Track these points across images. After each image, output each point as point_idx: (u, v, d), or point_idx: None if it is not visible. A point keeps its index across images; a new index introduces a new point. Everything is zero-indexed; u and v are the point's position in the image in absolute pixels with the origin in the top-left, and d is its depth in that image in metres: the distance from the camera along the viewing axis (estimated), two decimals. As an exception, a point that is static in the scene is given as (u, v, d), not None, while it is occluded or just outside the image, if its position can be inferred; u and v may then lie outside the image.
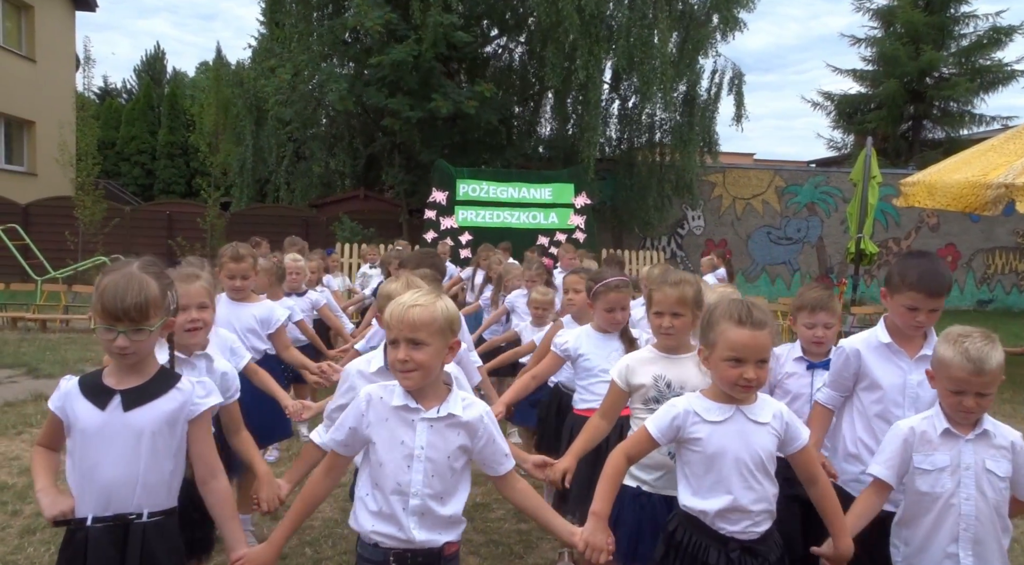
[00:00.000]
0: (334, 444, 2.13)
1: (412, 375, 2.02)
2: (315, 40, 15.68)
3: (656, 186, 16.78)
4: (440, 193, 13.65)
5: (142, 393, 2.07)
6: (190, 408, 2.12)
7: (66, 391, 2.09)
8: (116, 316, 1.98)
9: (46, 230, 15.68)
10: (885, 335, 2.72)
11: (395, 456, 2.03)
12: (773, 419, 2.22)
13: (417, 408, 2.05)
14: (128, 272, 2.05)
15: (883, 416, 2.68)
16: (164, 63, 39.79)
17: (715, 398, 2.24)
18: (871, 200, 12.48)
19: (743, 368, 2.13)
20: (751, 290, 17.82)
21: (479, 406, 2.13)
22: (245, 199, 19.50)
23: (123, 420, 2.03)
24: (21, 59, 19.82)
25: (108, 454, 2.01)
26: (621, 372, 2.74)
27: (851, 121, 23.98)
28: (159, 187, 31.07)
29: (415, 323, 2.01)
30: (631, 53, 14.94)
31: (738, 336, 2.14)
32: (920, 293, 2.57)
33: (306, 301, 5.86)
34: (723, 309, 2.20)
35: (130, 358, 2.04)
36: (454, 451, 2.06)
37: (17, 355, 8.90)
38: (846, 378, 2.78)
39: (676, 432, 2.23)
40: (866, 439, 2.71)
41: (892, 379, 2.67)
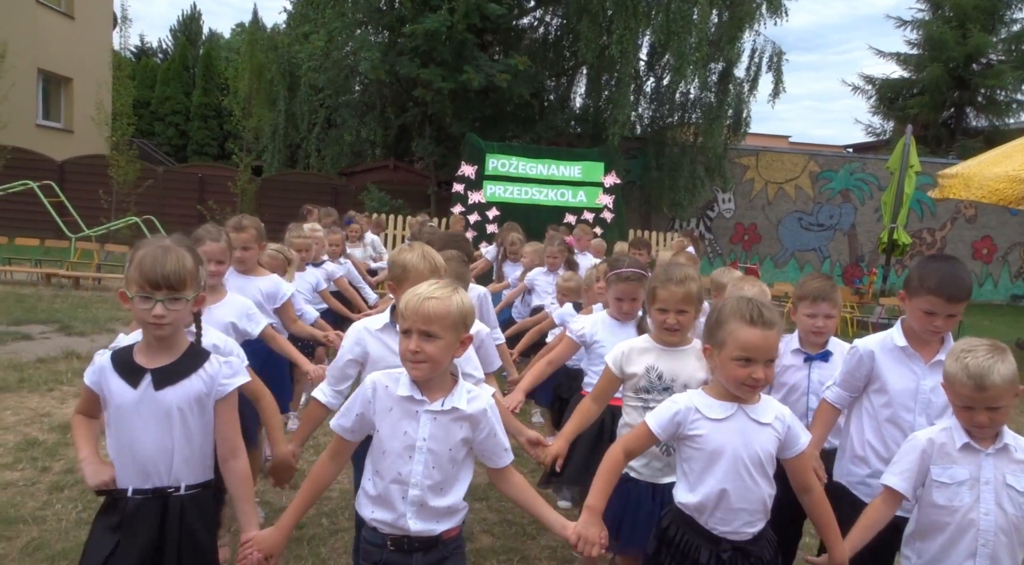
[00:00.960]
0: (340, 430, 2.15)
1: (421, 366, 2.02)
2: (349, 7, 15.62)
3: (688, 167, 16.58)
4: (469, 167, 13.61)
5: (172, 372, 2.13)
6: (218, 388, 2.18)
7: (100, 366, 2.15)
8: (155, 283, 2.04)
9: (81, 188, 15.94)
10: (901, 338, 2.67)
11: (397, 446, 2.05)
12: (775, 420, 2.21)
13: (422, 400, 2.06)
14: (164, 244, 2.12)
15: (893, 420, 2.64)
16: (200, 24, 39.91)
17: (717, 396, 2.22)
18: (907, 190, 12.25)
19: (752, 368, 2.12)
20: (779, 276, 17.64)
21: (483, 398, 2.14)
22: (276, 164, 19.63)
23: (154, 398, 2.10)
24: (60, 16, 19.99)
25: (143, 430, 2.09)
26: (616, 358, 2.76)
27: (892, 107, 23.43)
28: (192, 148, 31.37)
29: (429, 315, 2.01)
30: (669, 28, 14.67)
31: (749, 336, 2.12)
32: (938, 297, 2.51)
33: (321, 271, 5.88)
34: (732, 308, 2.17)
35: (165, 329, 2.09)
36: (456, 444, 2.08)
37: (50, 311, 9.11)
38: (858, 379, 2.74)
39: (676, 428, 2.22)
40: (874, 442, 2.68)
41: (905, 383, 2.63)
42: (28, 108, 18.58)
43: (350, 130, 18.90)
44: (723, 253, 18.48)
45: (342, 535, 3.80)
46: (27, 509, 3.78)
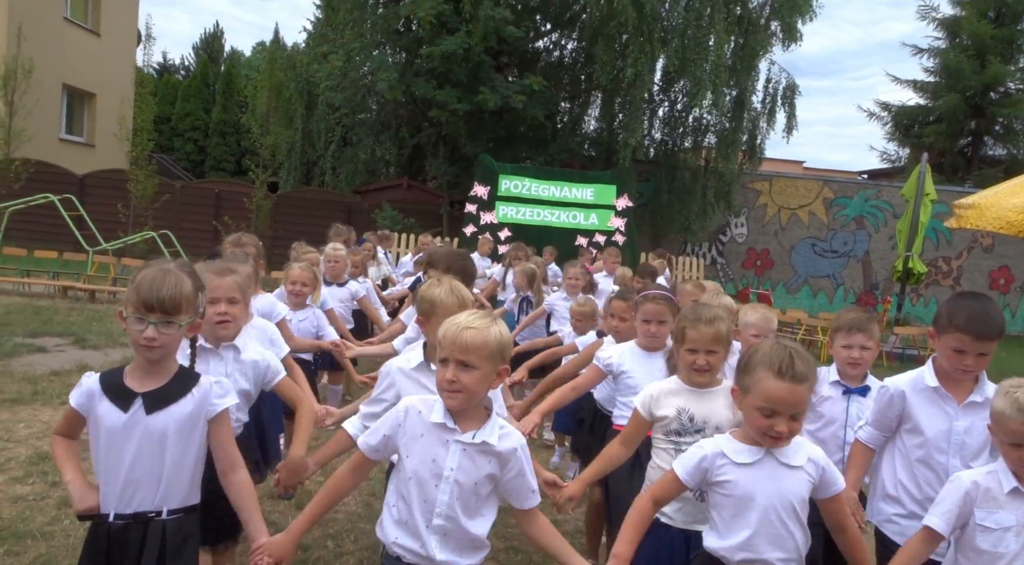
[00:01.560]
0: (365, 447, 2.14)
1: (457, 396, 2.02)
2: (368, 28, 15.85)
3: (699, 191, 16.59)
4: (482, 187, 13.68)
5: (163, 396, 2.14)
6: (208, 408, 2.20)
7: (88, 389, 2.15)
8: (150, 306, 2.06)
9: (100, 201, 16.16)
10: (932, 378, 2.63)
11: (425, 473, 2.04)
12: (808, 463, 2.16)
13: (454, 429, 2.05)
14: (165, 268, 2.15)
15: (925, 462, 2.61)
16: (222, 42, 40.49)
17: (745, 440, 2.19)
18: (922, 218, 12.20)
19: (775, 420, 2.08)
20: (792, 303, 17.55)
21: (515, 437, 2.12)
22: (292, 181, 19.84)
23: (145, 423, 2.10)
24: (86, 32, 20.38)
25: (132, 454, 2.10)
26: (645, 401, 2.72)
27: (907, 134, 23.36)
28: (210, 163, 31.71)
29: (467, 346, 2.00)
30: (684, 54, 14.76)
31: (776, 389, 2.06)
32: (968, 335, 2.48)
33: (346, 291, 5.94)
34: (765, 355, 2.12)
35: (155, 352, 2.10)
36: (482, 478, 2.06)
37: (66, 324, 9.20)
38: (889, 419, 2.71)
39: (704, 474, 2.19)
40: (906, 482, 2.65)
41: (937, 424, 2.59)
42: (52, 122, 18.91)
43: (365, 149, 19.09)
44: (735, 278, 18.43)
45: (347, 558, 3.80)
46: (36, 524, 3.80)
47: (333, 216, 15.70)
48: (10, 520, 3.82)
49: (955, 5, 22.60)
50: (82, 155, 19.79)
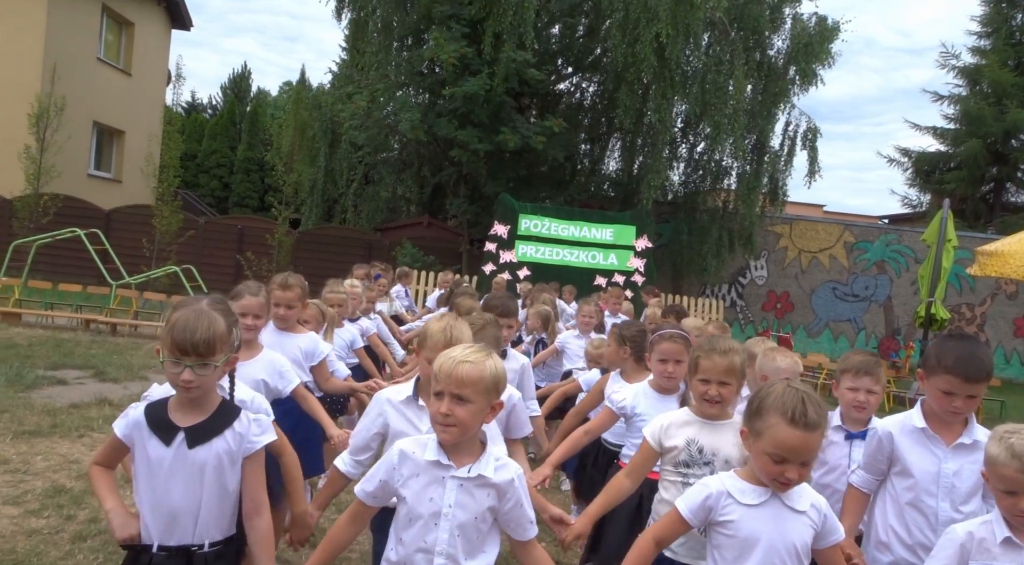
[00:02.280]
0: (363, 495, 2.13)
1: (451, 430, 2.00)
2: (393, 69, 16.17)
3: (716, 233, 16.58)
4: (502, 226, 13.77)
5: (204, 430, 2.16)
6: (247, 446, 2.22)
7: (134, 420, 2.18)
8: (185, 350, 2.08)
9: (125, 236, 16.42)
10: (920, 419, 2.60)
11: (422, 512, 2.02)
12: (811, 509, 2.13)
13: (449, 465, 2.03)
14: (198, 308, 2.16)
15: (915, 505, 2.56)
16: (249, 82, 41.48)
17: (751, 480, 2.14)
18: (945, 264, 12.06)
19: (785, 467, 2.04)
20: (812, 346, 17.34)
21: (511, 468, 2.10)
22: (314, 218, 20.07)
23: (186, 456, 2.13)
24: (118, 72, 20.96)
25: (174, 487, 2.12)
26: (655, 432, 2.67)
27: (928, 179, 23.30)
28: (234, 200, 32.23)
29: (462, 379, 1.99)
30: (705, 98, 14.90)
31: (787, 436, 2.02)
32: (956, 377, 2.46)
33: (356, 328, 5.93)
34: (776, 399, 2.07)
35: (194, 392, 2.14)
36: (482, 512, 2.04)
37: (87, 357, 9.27)
38: (880, 461, 2.67)
39: (708, 513, 2.14)
40: (896, 527, 2.59)
41: (926, 466, 2.55)
42: (81, 158, 19.34)
43: (387, 187, 19.34)
44: (755, 321, 18.27)
45: (360, 600, 3.73)
46: (49, 558, 3.78)
47: (353, 253, 15.85)
48: (24, 553, 3.79)
49: (975, 53, 22.71)
50: (109, 190, 20.19)
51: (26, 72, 17.33)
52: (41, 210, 15.26)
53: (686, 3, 13.53)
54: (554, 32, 17.82)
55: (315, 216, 20.09)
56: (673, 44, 13.82)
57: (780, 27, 16.07)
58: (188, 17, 23.70)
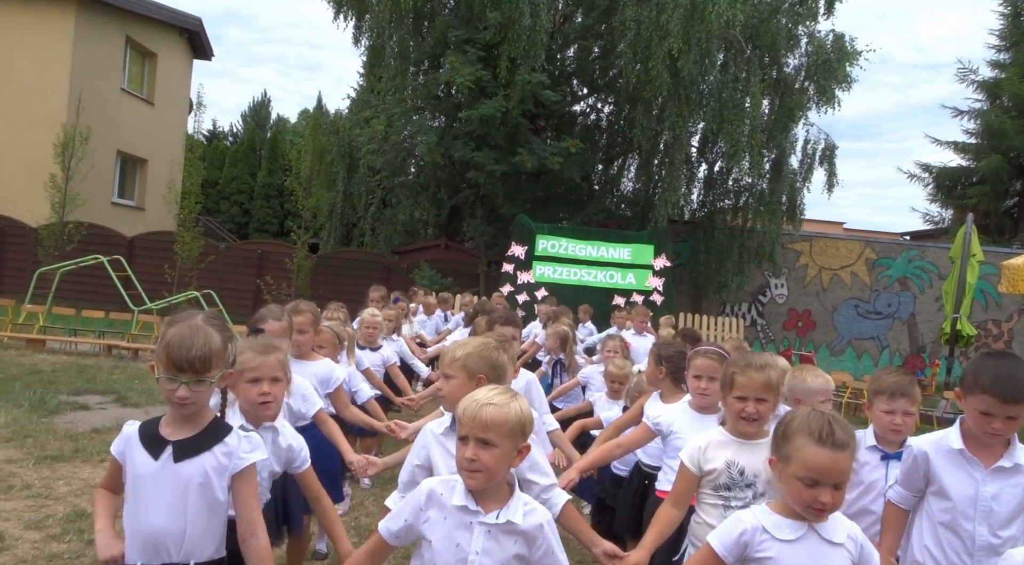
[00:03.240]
0: (387, 534, 2.07)
1: (477, 476, 1.95)
2: (409, 94, 16.35)
3: (736, 251, 16.46)
4: (519, 247, 13.78)
5: (192, 445, 2.13)
6: (235, 462, 2.16)
7: (127, 436, 2.17)
8: (180, 367, 2.06)
9: (147, 262, 16.62)
10: (958, 440, 2.49)
11: (449, 558, 1.96)
12: (848, 540, 2.05)
13: (476, 510, 1.98)
14: (193, 324, 2.12)
15: (951, 527, 2.46)
16: (269, 109, 42.15)
17: (785, 513, 2.06)
18: (969, 279, 11.90)
19: (818, 491, 1.97)
20: (836, 365, 17.09)
21: (540, 513, 2.04)
22: (332, 242, 20.23)
23: (173, 470, 2.09)
24: (141, 102, 21.37)
25: (158, 503, 2.08)
26: (693, 455, 2.60)
27: (950, 195, 23.05)
28: (254, 225, 32.60)
29: (487, 422, 1.95)
30: (721, 116, 14.89)
31: (817, 457, 1.96)
32: (994, 398, 2.35)
33: (378, 357, 5.89)
34: (802, 422, 2.03)
35: (188, 408, 2.11)
36: (510, 559, 1.97)
37: (109, 382, 9.35)
38: (916, 479, 2.58)
39: (743, 549, 2.05)
40: (932, 548, 2.50)
41: (963, 489, 2.45)
42: (105, 187, 19.66)
43: (404, 210, 19.46)
44: (776, 339, 18.06)
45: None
46: (69, 583, 3.77)
47: (372, 276, 15.93)
48: (44, 579, 3.80)
49: (994, 67, 22.54)
50: (132, 218, 20.49)
51: (52, 103, 17.72)
52: (66, 238, 15.51)
53: (697, 18, 13.55)
54: (569, 54, 17.95)
55: (334, 240, 20.26)
56: (686, 61, 13.84)
57: (796, 44, 16.04)
58: (209, 47, 24.16)
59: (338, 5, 16.58)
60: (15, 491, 5.04)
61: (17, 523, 4.48)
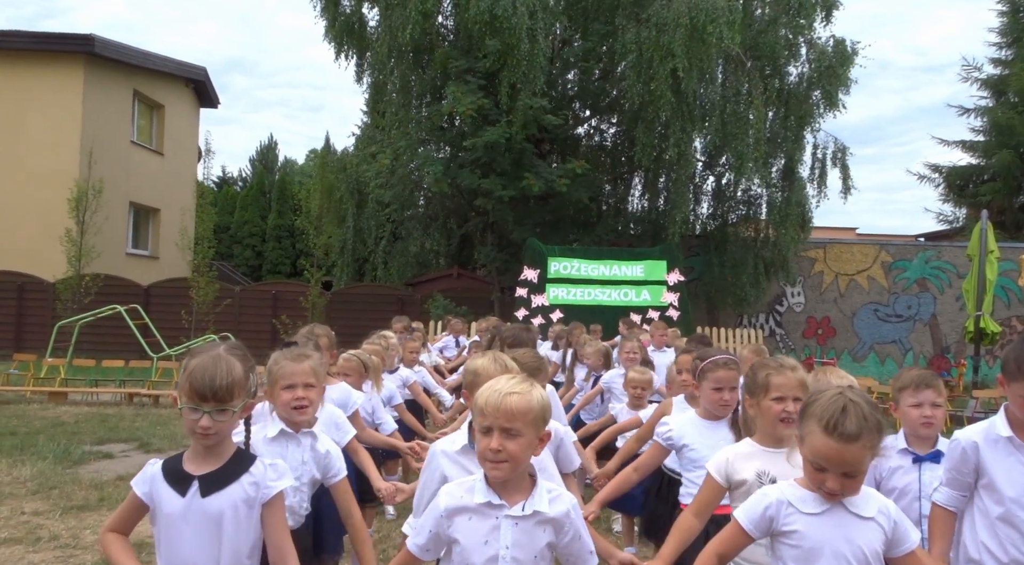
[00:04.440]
0: (416, 549, 2.05)
1: (503, 466, 1.93)
2: (413, 127, 16.49)
3: (752, 262, 16.38)
4: (531, 271, 13.77)
5: (218, 478, 2.12)
6: (263, 492, 2.15)
7: (151, 476, 2.15)
8: (203, 396, 2.05)
9: (164, 309, 16.74)
10: (1005, 427, 2.42)
11: (478, 558, 1.94)
12: (879, 514, 2.00)
13: (501, 505, 1.96)
14: (215, 354, 2.13)
15: (1007, 520, 2.38)
16: (276, 152, 42.70)
17: (811, 488, 2.04)
18: (989, 276, 11.75)
19: (825, 476, 1.95)
20: (859, 371, 16.86)
21: (565, 499, 2.03)
22: (345, 278, 20.31)
23: (201, 506, 2.08)
24: (151, 153, 21.73)
25: (190, 539, 2.07)
26: (720, 466, 2.55)
27: (962, 194, 22.90)
28: (267, 267, 32.85)
29: (512, 412, 1.93)
30: (725, 130, 14.91)
31: (821, 445, 1.93)
32: None
33: (397, 378, 5.92)
34: (820, 405, 1.98)
35: (211, 439, 2.10)
36: (540, 549, 1.96)
37: (131, 430, 9.37)
38: (965, 475, 2.48)
39: (770, 524, 2.03)
40: (989, 544, 2.40)
41: (1016, 478, 2.37)
42: (119, 238, 19.92)
43: (415, 242, 19.55)
44: (796, 348, 17.88)
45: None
46: (99, 632, 3.73)
47: (386, 309, 15.90)
48: (74, 629, 3.76)
49: (997, 65, 22.52)
50: (147, 267, 20.71)
51: (64, 159, 18.05)
52: (83, 290, 15.67)
53: (699, 39, 13.65)
54: (569, 77, 18.09)
55: (347, 276, 20.34)
56: (688, 79, 13.92)
57: (797, 53, 16.10)
58: (215, 96, 24.58)
59: (339, 45, 16.85)
60: (43, 543, 5.02)
61: (45, 574, 4.46)
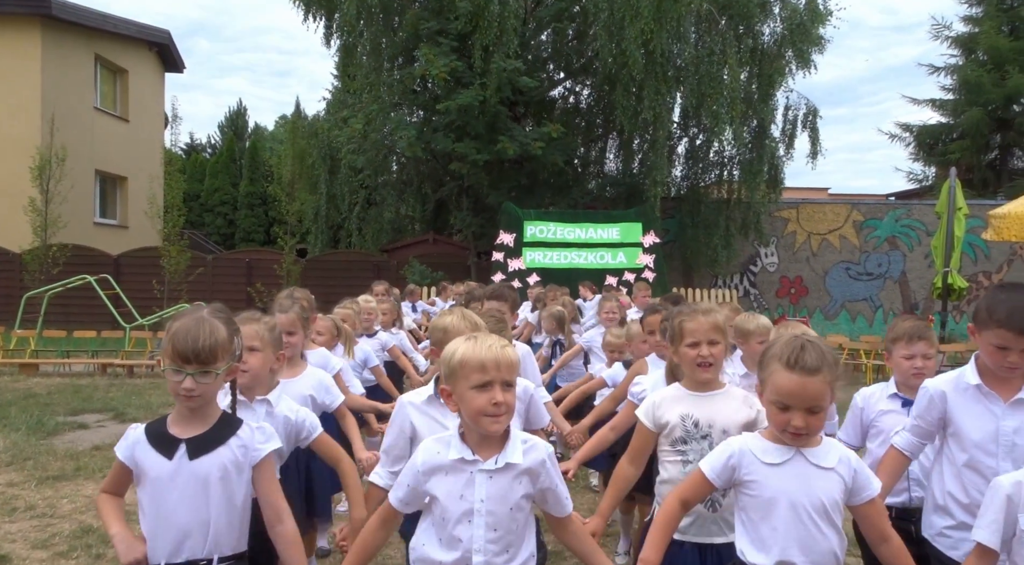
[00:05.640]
0: (396, 502, 2.08)
1: (503, 419, 1.95)
2: (385, 90, 16.23)
3: (723, 223, 16.49)
4: (508, 235, 13.75)
5: (206, 441, 2.12)
6: (252, 454, 2.16)
7: (134, 440, 2.14)
8: (186, 358, 2.05)
9: (135, 279, 16.47)
10: (975, 376, 2.46)
11: (455, 511, 1.96)
12: (839, 464, 2.05)
13: (475, 460, 1.97)
14: (199, 317, 2.12)
15: (972, 466, 2.43)
16: (246, 119, 41.82)
17: (773, 439, 2.08)
18: (957, 232, 11.91)
19: (790, 415, 1.98)
20: (831, 328, 17.17)
21: (540, 448, 2.05)
22: (320, 245, 20.14)
23: (190, 468, 2.08)
24: (116, 119, 21.17)
25: (178, 502, 2.07)
26: (648, 410, 2.62)
27: (932, 152, 23.12)
28: (239, 236, 32.40)
29: (512, 363, 1.96)
30: (700, 90, 14.86)
31: (785, 381, 1.98)
32: (1010, 331, 2.31)
33: (375, 342, 5.92)
34: (777, 348, 2.04)
35: (195, 401, 2.09)
36: (517, 501, 1.98)
37: (105, 400, 9.27)
38: (930, 423, 2.54)
39: (732, 473, 2.08)
40: (954, 491, 2.47)
41: (983, 425, 2.42)
42: (86, 207, 19.48)
43: (390, 208, 19.40)
44: (770, 307, 18.12)
45: (396, 615, 3.66)
46: (80, 598, 3.74)
47: (362, 276, 15.84)
48: (55, 596, 3.76)
49: (967, 22, 22.59)
50: (116, 237, 20.32)
51: (25, 126, 17.53)
52: (51, 261, 15.36)
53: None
54: (543, 39, 17.88)
55: (321, 243, 20.17)
56: (659, 39, 13.81)
57: (770, 11, 16.03)
58: (180, 60, 23.92)
59: (307, 6, 16.44)
60: (19, 513, 4.99)
61: (23, 544, 4.44)
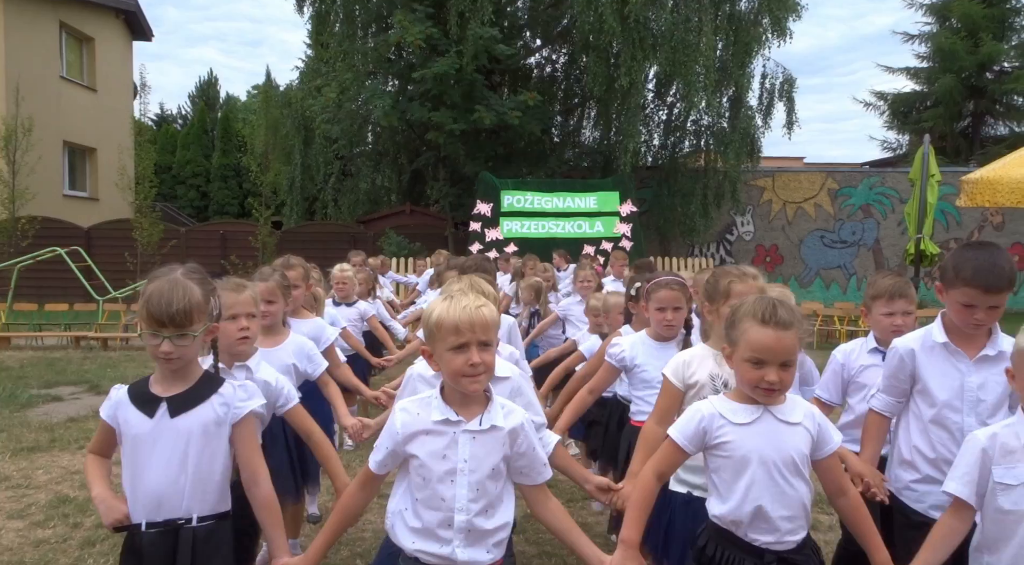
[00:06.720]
0: (374, 465, 2.07)
1: (482, 379, 1.95)
2: (360, 59, 15.96)
3: (700, 192, 16.54)
4: (485, 205, 13.69)
5: (187, 399, 2.12)
6: (233, 412, 2.16)
7: (116, 400, 2.15)
8: (161, 321, 2.04)
9: (107, 252, 16.21)
10: (941, 334, 2.51)
11: (437, 471, 1.96)
12: (805, 419, 2.09)
13: (458, 420, 1.98)
14: (173, 278, 2.09)
15: (939, 422, 2.49)
16: (217, 89, 40.98)
17: (741, 399, 2.11)
18: (930, 199, 12.03)
19: (765, 370, 2.01)
20: (805, 296, 17.39)
21: (519, 413, 2.06)
22: (295, 217, 19.91)
23: (171, 426, 2.08)
24: (83, 89, 20.65)
25: (158, 460, 2.07)
26: (677, 369, 2.57)
27: (906, 120, 23.33)
28: (213, 208, 31.95)
29: (488, 323, 1.95)
30: (675, 58, 14.78)
31: (760, 336, 2.01)
32: (976, 289, 2.35)
33: (354, 311, 5.91)
34: (748, 307, 2.09)
35: (174, 363, 2.09)
36: (496, 464, 1.99)
37: (80, 372, 9.19)
38: (901, 381, 2.58)
39: (703, 436, 2.10)
40: (921, 446, 2.52)
41: (949, 382, 2.47)
42: (55, 179, 19.07)
43: (365, 178, 19.18)
44: (747, 276, 18.30)
45: (376, 576, 3.69)
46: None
47: (338, 247, 15.70)
48: (33, 563, 3.75)
49: (941, -11, 22.67)
50: (87, 209, 19.94)
51: (-12, 96, 17.04)
52: (20, 234, 15.05)
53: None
54: (519, 5, 17.65)
55: (296, 214, 19.94)
56: (635, 5, 13.69)
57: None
58: (148, 28, 23.32)
59: (278, -29, 16.03)
60: (-7, 484, 4.95)
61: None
